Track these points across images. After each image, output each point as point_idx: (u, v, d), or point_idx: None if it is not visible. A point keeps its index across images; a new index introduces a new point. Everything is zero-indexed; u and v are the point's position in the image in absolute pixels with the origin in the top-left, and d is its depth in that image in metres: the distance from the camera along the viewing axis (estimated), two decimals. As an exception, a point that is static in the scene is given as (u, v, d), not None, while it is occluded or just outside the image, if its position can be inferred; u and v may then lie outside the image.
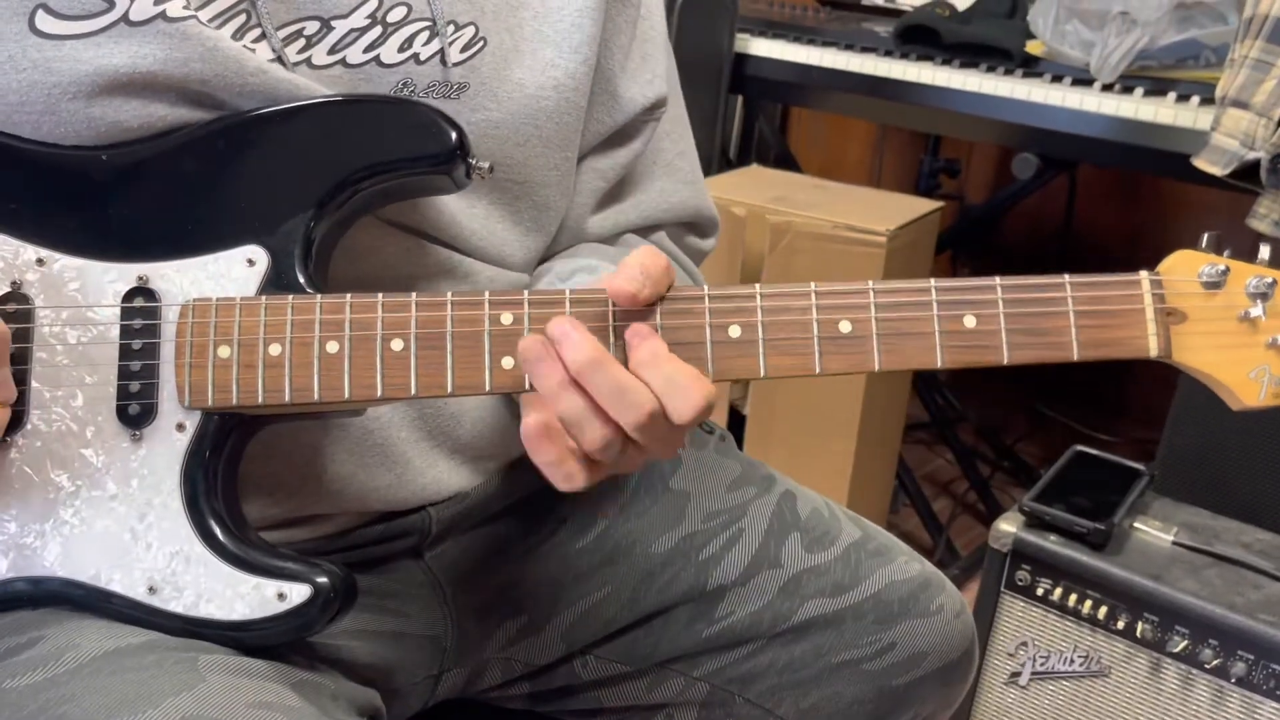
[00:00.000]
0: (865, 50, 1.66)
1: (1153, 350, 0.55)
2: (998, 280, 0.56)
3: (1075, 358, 0.56)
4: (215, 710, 0.50)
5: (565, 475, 0.53)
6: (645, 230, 0.78)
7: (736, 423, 1.69)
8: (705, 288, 0.55)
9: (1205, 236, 0.57)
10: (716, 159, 1.91)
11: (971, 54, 1.58)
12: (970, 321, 0.55)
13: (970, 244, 2.26)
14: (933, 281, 0.55)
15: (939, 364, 0.56)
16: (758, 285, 0.56)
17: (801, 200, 1.62)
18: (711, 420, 0.87)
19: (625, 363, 0.54)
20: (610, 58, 0.71)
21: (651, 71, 0.74)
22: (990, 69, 1.53)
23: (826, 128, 2.44)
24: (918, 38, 1.64)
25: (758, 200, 1.61)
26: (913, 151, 2.31)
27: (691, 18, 1.70)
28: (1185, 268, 0.56)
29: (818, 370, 0.55)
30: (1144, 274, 0.56)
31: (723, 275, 1.60)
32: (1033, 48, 1.58)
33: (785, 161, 2.09)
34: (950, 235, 1.95)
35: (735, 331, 0.55)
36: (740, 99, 2.10)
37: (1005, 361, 0.56)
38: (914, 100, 1.59)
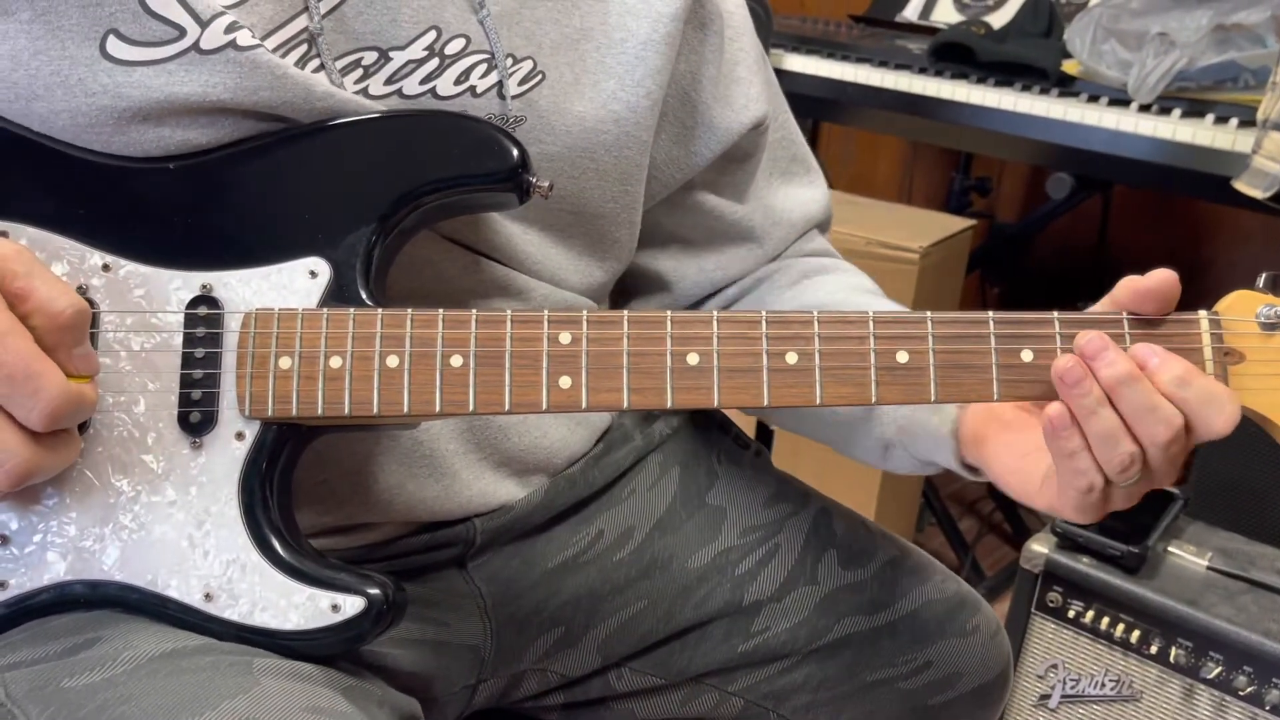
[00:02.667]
0: (899, 67, 1.66)
1: None
2: (1055, 315, 0.55)
3: None
4: (270, 713, 0.51)
5: (1094, 513, 0.55)
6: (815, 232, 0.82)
7: (764, 438, 1.69)
8: (763, 312, 0.55)
9: (1262, 277, 0.56)
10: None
11: (1007, 72, 1.57)
12: (1028, 356, 0.54)
13: (1001, 263, 2.26)
14: (990, 314, 0.55)
15: (995, 398, 0.55)
16: (815, 311, 0.55)
17: (834, 215, 1.62)
18: (746, 435, 0.88)
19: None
20: (699, 90, 0.71)
21: (745, 95, 0.73)
22: (1026, 88, 1.52)
23: (856, 143, 2.44)
24: (952, 55, 1.64)
25: (790, 215, 1.62)
26: (943, 169, 2.31)
27: (726, 33, 1.71)
28: (1243, 307, 0.55)
29: (874, 400, 0.55)
30: (1202, 313, 0.55)
31: (754, 290, 1.61)
32: (1069, 67, 1.57)
33: (815, 176, 2.09)
34: (981, 254, 1.94)
35: (792, 358, 0.54)
36: (771, 113, 2.10)
37: None
38: (948, 118, 1.59)
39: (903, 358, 0.54)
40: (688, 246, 0.77)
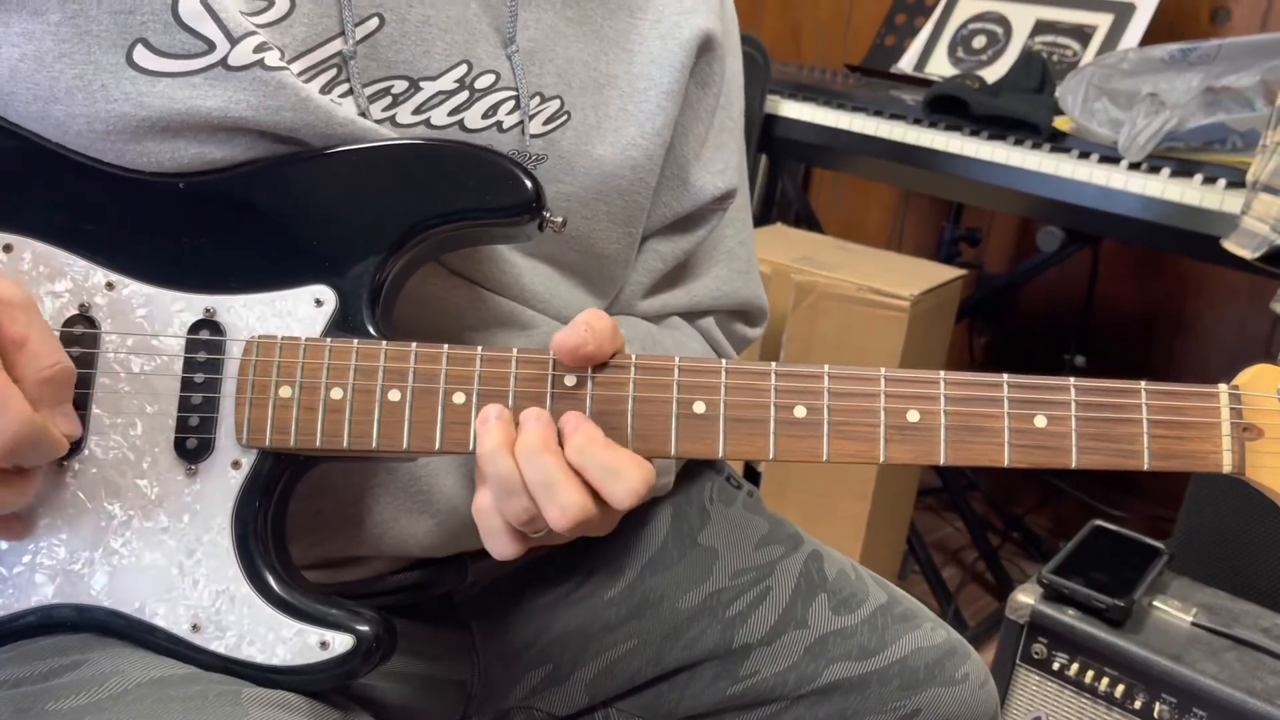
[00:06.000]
0: (894, 117, 1.68)
1: (1226, 465, 0.53)
2: (1071, 381, 0.54)
3: (1145, 467, 0.54)
4: None
5: (499, 548, 0.54)
6: (693, 315, 0.78)
7: (751, 480, 1.68)
8: (772, 365, 0.54)
9: None
10: (741, 216, 1.93)
11: (1000, 126, 1.60)
12: (1041, 421, 0.53)
13: (988, 313, 2.27)
14: (1005, 377, 0.54)
15: (1005, 463, 0.53)
16: (826, 366, 0.54)
17: (826, 261, 1.64)
18: (739, 476, 0.88)
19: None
20: (686, 144, 0.71)
21: (725, 162, 0.74)
22: (1018, 142, 1.55)
23: (848, 190, 2.47)
24: (946, 108, 1.67)
25: (783, 259, 1.63)
26: (934, 218, 2.33)
27: (724, 77, 1.73)
28: (1264, 383, 0.54)
29: (882, 459, 0.53)
30: (1223, 387, 0.54)
31: (745, 331, 1.61)
32: (1061, 123, 1.60)
33: (807, 222, 2.11)
34: (969, 303, 1.96)
35: (800, 412, 0.53)
36: (764, 158, 2.12)
37: (1073, 465, 0.54)
38: (941, 169, 1.61)
39: (913, 417, 0.53)
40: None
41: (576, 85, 0.64)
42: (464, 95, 0.60)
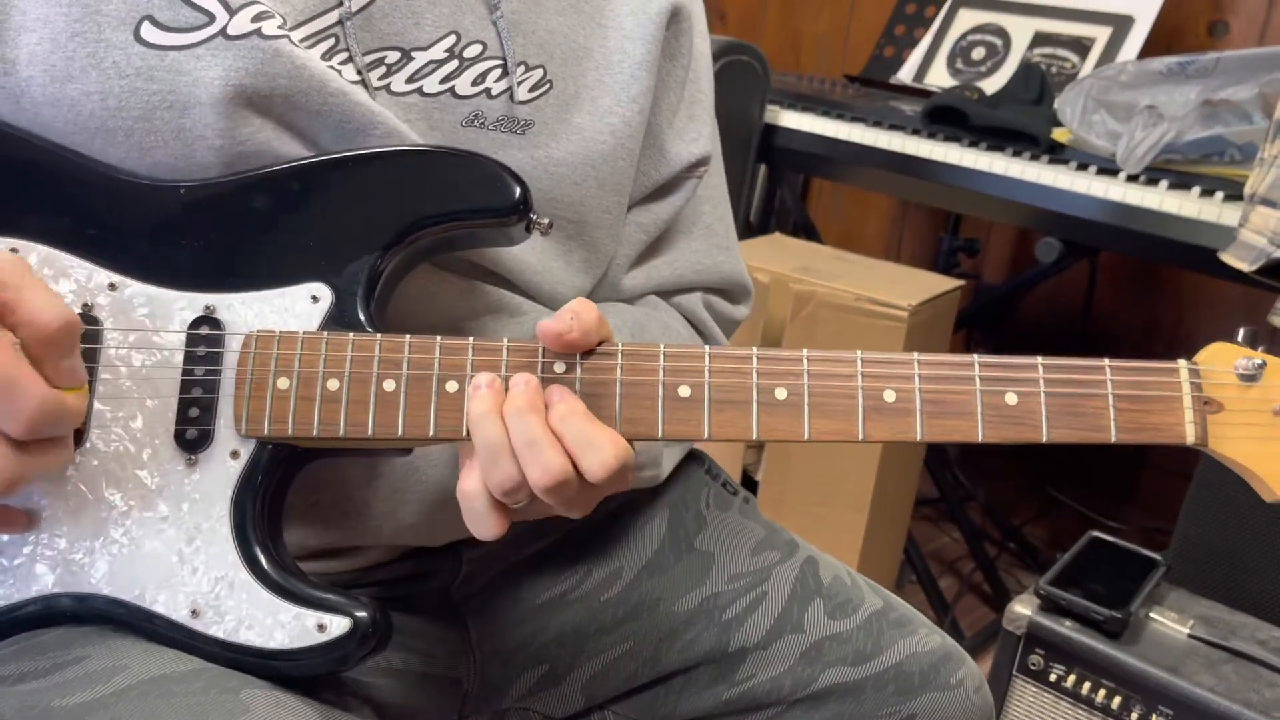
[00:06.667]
0: (893, 128, 1.69)
1: (1190, 437, 0.56)
2: (1039, 360, 0.56)
3: (1113, 440, 0.56)
4: None
5: (483, 528, 0.55)
6: (676, 290, 0.80)
7: (748, 488, 1.68)
8: (754, 349, 0.56)
9: (1241, 331, 0.58)
10: (739, 226, 1.93)
11: (998, 137, 1.61)
12: (1011, 399, 0.56)
13: (986, 323, 2.28)
14: (975, 357, 0.56)
15: (980, 438, 0.56)
16: (804, 350, 0.56)
17: (824, 270, 1.64)
18: (735, 482, 0.88)
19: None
20: (659, 114, 0.74)
21: (697, 130, 0.76)
22: (1017, 153, 1.56)
23: (846, 200, 2.48)
24: (945, 118, 1.68)
25: (781, 268, 1.63)
26: (932, 229, 2.34)
27: (724, 87, 1.73)
28: (1221, 359, 0.57)
29: (861, 436, 0.56)
30: (1182, 362, 0.57)
31: (744, 341, 1.62)
32: (1059, 135, 1.61)
33: (805, 231, 2.12)
34: (967, 314, 1.96)
35: (781, 394, 0.55)
36: (763, 167, 2.13)
37: (1044, 440, 0.56)
38: (940, 179, 1.62)
39: (890, 396, 0.56)
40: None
41: (558, 56, 0.67)
42: (454, 64, 0.63)
